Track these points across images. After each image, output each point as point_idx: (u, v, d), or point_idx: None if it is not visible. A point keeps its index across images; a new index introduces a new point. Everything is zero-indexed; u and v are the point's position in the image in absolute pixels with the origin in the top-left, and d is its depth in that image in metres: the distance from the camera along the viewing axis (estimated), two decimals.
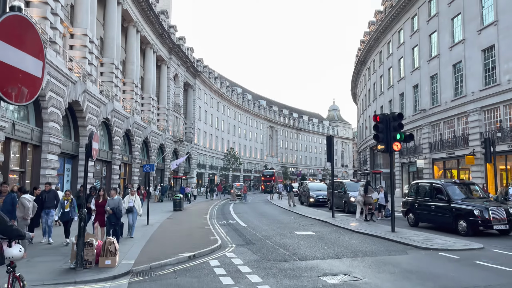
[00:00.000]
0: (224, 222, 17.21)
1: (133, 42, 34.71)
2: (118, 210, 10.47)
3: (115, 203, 10.54)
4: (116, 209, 10.42)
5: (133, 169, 33.81)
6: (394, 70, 39.94)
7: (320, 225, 15.23)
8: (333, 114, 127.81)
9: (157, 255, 9.19)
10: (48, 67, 17.43)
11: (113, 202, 10.56)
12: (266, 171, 67.56)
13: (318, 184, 30.29)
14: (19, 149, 16.57)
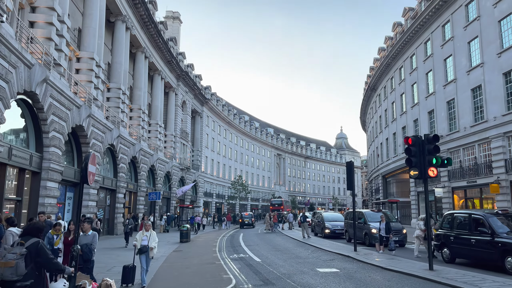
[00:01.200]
0: (236, 256, 15.75)
1: (141, 68, 34.21)
2: (88, 249, 7.96)
3: (88, 240, 8.14)
4: (86, 248, 7.91)
5: (139, 198, 32.50)
6: (407, 96, 38.94)
7: (343, 261, 13.73)
8: (340, 142, 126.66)
9: None
10: (50, 89, 16.55)
11: (86, 239, 8.14)
12: (274, 200, 65.78)
13: (333, 214, 28.72)
14: (16, 175, 15.44)
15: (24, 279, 4.52)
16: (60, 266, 4.89)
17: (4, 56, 12.55)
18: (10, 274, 4.49)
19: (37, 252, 4.72)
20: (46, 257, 4.72)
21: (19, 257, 4.58)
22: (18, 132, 15.88)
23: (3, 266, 4.48)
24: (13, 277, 4.50)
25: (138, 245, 9.68)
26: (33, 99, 15.58)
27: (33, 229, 5.04)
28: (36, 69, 14.82)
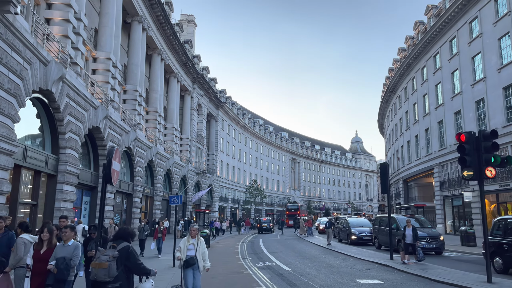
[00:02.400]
0: (262, 265, 14.72)
1: (157, 70, 33.58)
2: (64, 265, 5.89)
3: (67, 253, 6.12)
4: (62, 263, 5.89)
5: (155, 202, 31.76)
6: (430, 96, 37.53)
7: (382, 270, 12.60)
8: (356, 146, 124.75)
9: None
10: (67, 88, 15.83)
11: (64, 251, 6.14)
12: (290, 205, 64.55)
13: (359, 219, 27.47)
14: (31, 178, 14.71)
15: (114, 281, 4.81)
16: (147, 270, 5.21)
17: (19, 51, 11.83)
18: (103, 275, 4.78)
19: (127, 256, 5.00)
20: (134, 262, 5.04)
21: (112, 259, 4.85)
22: (34, 132, 15.17)
23: (97, 267, 4.81)
24: (105, 278, 4.79)
25: (182, 256, 7.33)
26: (49, 98, 14.87)
27: (125, 233, 5.32)
28: (52, 67, 14.10)
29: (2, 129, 11.08)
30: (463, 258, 15.89)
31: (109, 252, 4.95)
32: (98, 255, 4.98)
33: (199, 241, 7.56)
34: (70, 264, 6.07)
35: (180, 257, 7.31)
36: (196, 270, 7.38)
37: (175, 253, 7.65)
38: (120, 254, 4.95)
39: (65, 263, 5.93)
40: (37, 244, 6.35)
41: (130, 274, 5.10)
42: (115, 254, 4.93)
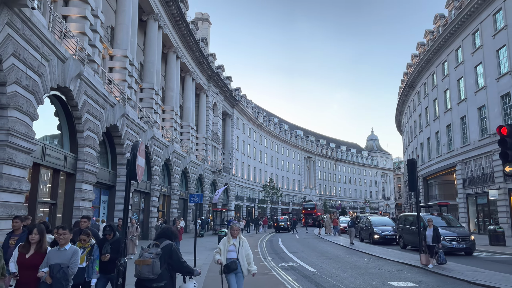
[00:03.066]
0: (285, 265, 14.24)
1: (173, 68, 33.35)
2: (62, 274, 5.05)
3: (64, 259, 5.21)
4: (59, 272, 5.05)
5: (172, 201, 31.55)
6: (451, 92, 36.48)
7: (414, 272, 11.99)
8: (371, 144, 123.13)
9: None
10: (85, 86, 15.60)
11: (61, 257, 5.22)
12: (307, 204, 63.87)
13: (381, 218, 26.73)
14: (50, 177, 14.51)
15: (158, 279, 4.78)
16: (190, 269, 5.18)
17: (36, 47, 11.58)
18: (147, 272, 4.76)
19: (170, 254, 4.98)
20: (177, 260, 5.03)
21: (155, 256, 4.84)
22: (52, 131, 14.98)
23: (141, 264, 4.81)
24: (149, 275, 4.75)
25: (223, 259, 6.31)
26: (67, 95, 14.65)
27: (168, 232, 5.31)
28: (70, 63, 13.87)
29: (21, 127, 10.84)
30: (496, 259, 15.14)
31: (152, 250, 4.96)
32: (142, 253, 5.01)
33: (241, 241, 6.53)
34: (68, 273, 5.14)
35: (221, 260, 6.29)
36: (238, 275, 6.36)
37: (214, 256, 6.46)
38: (163, 251, 4.94)
39: (62, 271, 5.02)
40: (23, 247, 5.27)
41: (173, 273, 5.09)
42: (158, 251, 4.92)
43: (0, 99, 10.31)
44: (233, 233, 6.58)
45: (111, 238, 6.61)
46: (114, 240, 6.59)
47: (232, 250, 6.40)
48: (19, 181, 10.84)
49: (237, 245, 6.42)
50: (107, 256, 6.34)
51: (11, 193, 10.53)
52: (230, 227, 6.73)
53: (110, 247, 6.46)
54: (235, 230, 6.63)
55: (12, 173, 10.57)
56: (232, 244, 6.45)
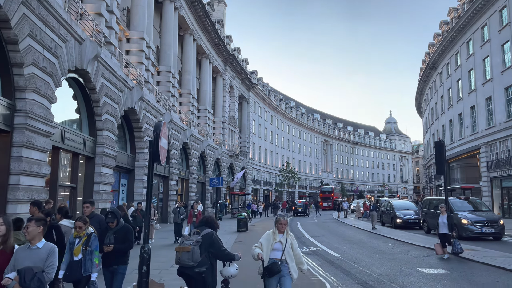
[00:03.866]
0: (307, 250, 13.96)
1: (190, 51, 32.90)
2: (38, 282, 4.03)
3: (38, 260, 4.25)
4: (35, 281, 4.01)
5: (190, 185, 31.53)
6: (476, 71, 35.14)
7: (443, 258, 11.53)
8: (390, 127, 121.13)
9: None
10: (102, 68, 15.36)
11: (33, 257, 4.26)
12: (324, 188, 63.44)
13: (403, 201, 26.17)
14: (69, 161, 14.44)
15: (199, 265, 4.80)
16: (231, 255, 5.18)
17: (53, 27, 11.31)
18: (186, 259, 4.81)
19: (211, 242, 4.98)
20: (218, 248, 5.03)
21: (195, 244, 4.89)
22: (71, 114, 14.83)
23: (181, 250, 4.89)
24: (189, 262, 4.79)
25: (265, 258, 5.09)
26: (84, 78, 14.44)
27: (210, 220, 5.35)
28: (87, 45, 13.59)
29: (39, 110, 10.66)
30: None
31: (192, 238, 5.00)
32: (182, 240, 5.11)
33: (290, 238, 5.32)
34: (44, 280, 4.07)
35: (261, 255, 5.07)
36: (284, 279, 5.13)
37: (253, 250, 5.19)
38: (203, 240, 4.95)
39: (37, 278, 3.92)
40: None
41: (214, 260, 5.07)
42: (198, 239, 4.95)
43: (18, 81, 10.11)
44: (279, 228, 5.28)
45: (114, 226, 5.81)
46: (118, 229, 5.83)
47: (277, 249, 5.16)
48: (39, 165, 10.71)
49: (284, 243, 5.18)
50: (110, 247, 5.60)
51: (31, 177, 10.42)
52: (276, 220, 5.38)
53: (113, 237, 5.72)
54: (283, 224, 5.30)
55: (32, 156, 10.45)
56: (279, 241, 5.19)
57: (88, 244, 5.37)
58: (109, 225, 5.85)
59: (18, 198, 9.85)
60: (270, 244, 5.18)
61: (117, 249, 5.67)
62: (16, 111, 10.10)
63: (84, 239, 5.38)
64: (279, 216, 5.44)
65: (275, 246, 5.17)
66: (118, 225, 5.87)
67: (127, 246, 5.85)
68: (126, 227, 5.94)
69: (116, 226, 5.85)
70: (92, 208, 6.92)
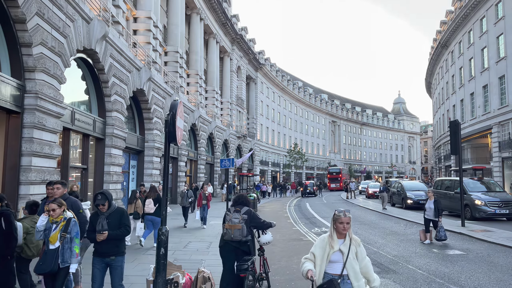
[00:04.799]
0: (318, 230, 13.93)
1: (197, 30, 32.44)
2: None
3: None
4: None
5: (199, 166, 31.57)
6: (490, 50, 34.30)
7: (458, 239, 11.43)
8: (398, 107, 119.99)
9: None
10: (110, 48, 15.14)
11: None
12: (332, 169, 63.24)
13: (414, 182, 25.98)
14: (80, 142, 14.39)
15: (245, 238, 5.69)
16: (269, 224, 6.06)
17: (60, 6, 11.07)
18: (239, 235, 5.61)
19: (252, 217, 5.82)
20: (259, 221, 5.95)
21: (242, 221, 5.67)
22: (80, 96, 14.71)
23: (233, 228, 5.62)
24: (241, 238, 5.60)
25: (318, 275, 3.65)
26: (93, 58, 14.25)
27: (245, 199, 6.08)
28: (95, 24, 13.35)
29: (49, 90, 10.53)
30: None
31: (236, 215, 5.72)
32: (228, 218, 5.76)
33: (354, 244, 3.77)
34: None
35: (312, 273, 3.58)
36: None
37: (302, 265, 3.73)
38: (247, 217, 5.76)
39: None
40: None
41: (252, 230, 5.96)
42: (244, 217, 5.72)
43: (27, 61, 9.96)
44: (340, 229, 3.72)
45: (106, 209, 4.99)
46: (111, 212, 5.01)
47: (336, 261, 3.70)
48: (50, 146, 10.65)
49: (345, 252, 3.68)
50: (104, 234, 4.83)
51: (43, 158, 10.37)
52: (335, 219, 3.76)
53: (106, 222, 4.94)
54: (344, 223, 3.70)
55: (43, 137, 10.37)
56: (338, 250, 3.69)
57: (67, 230, 4.71)
58: (100, 209, 4.98)
59: (31, 179, 9.83)
60: (325, 255, 3.70)
61: (111, 236, 4.88)
62: (26, 92, 9.99)
63: (62, 224, 4.73)
64: (339, 213, 3.76)
65: (332, 257, 3.69)
66: (110, 208, 5.03)
67: (123, 232, 5.00)
68: (121, 210, 5.13)
69: (108, 210, 5.01)
70: (63, 190, 6.09)
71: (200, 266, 7.85)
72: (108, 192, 5.11)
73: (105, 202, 4.96)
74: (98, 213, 5.00)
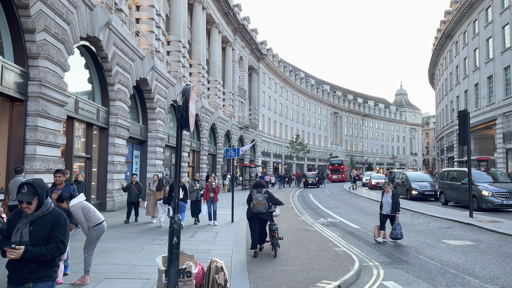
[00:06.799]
0: (324, 221, 13.82)
1: (199, 20, 32.07)
2: None
3: None
4: None
5: (201, 157, 31.44)
6: (495, 40, 33.91)
7: (466, 229, 11.30)
8: (400, 98, 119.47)
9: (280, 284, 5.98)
10: (113, 36, 14.90)
11: None
12: (334, 160, 63.10)
13: (418, 173, 25.81)
14: (84, 131, 14.23)
15: (267, 210, 8.23)
16: (281, 202, 8.61)
17: None
18: (263, 208, 8.12)
19: (270, 195, 8.36)
20: (275, 199, 8.43)
21: (264, 198, 8.17)
22: (83, 86, 14.51)
23: (259, 204, 8.08)
24: (264, 210, 8.13)
25: None
26: (96, 46, 14.03)
27: (261, 182, 8.46)
28: (98, 11, 13.11)
29: (53, 78, 10.34)
30: None
31: (259, 195, 8.21)
32: (254, 197, 8.21)
33: None
34: None
35: None
36: None
37: None
38: (268, 195, 8.31)
39: None
40: None
41: (270, 206, 8.44)
42: (265, 196, 8.26)
43: (30, 48, 9.76)
44: None
45: (31, 211, 3.17)
46: (39, 216, 3.20)
47: None
48: (54, 135, 10.50)
49: None
50: (17, 251, 2.97)
51: (47, 147, 10.23)
52: None
53: (29, 230, 3.15)
54: None
55: (47, 126, 10.22)
56: None
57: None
58: (23, 208, 3.22)
59: (35, 168, 9.69)
60: None
61: (29, 255, 3.04)
62: (29, 79, 9.80)
63: None
64: None
65: None
66: (40, 208, 3.22)
67: (51, 251, 3.12)
68: (56, 215, 3.25)
69: (37, 211, 3.22)
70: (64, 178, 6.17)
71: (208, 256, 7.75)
72: (40, 183, 3.26)
73: (32, 199, 3.18)
74: (20, 213, 3.25)
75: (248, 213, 8.36)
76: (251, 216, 8.22)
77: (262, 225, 8.33)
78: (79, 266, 6.37)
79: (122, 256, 7.74)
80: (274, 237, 8.08)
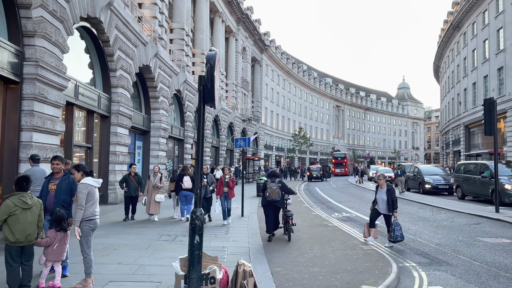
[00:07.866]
0: (339, 215, 13.03)
1: (202, 8, 31.08)
2: None
3: None
4: None
5: (205, 149, 30.61)
6: (506, 31, 32.93)
7: (497, 226, 10.52)
8: (402, 92, 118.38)
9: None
10: (115, 19, 14.01)
11: None
12: (337, 153, 62.32)
13: (430, 167, 25.00)
14: (84, 119, 13.38)
15: (281, 198, 8.85)
16: (293, 191, 9.38)
17: None
18: (277, 196, 8.70)
19: (284, 184, 8.92)
20: (287, 188, 9.02)
21: (278, 187, 8.75)
22: (83, 69, 13.63)
23: (273, 192, 8.67)
24: (278, 199, 8.70)
25: None
26: (97, 28, 13.14)
27: (276, 173, 9.16)
28: None
29: (50, 59, 9.48)
30: None
31: (274, 184, 8.73)
32: (269, 186, 8.72)
33: None
34: None
35: None
36: None
37: None
38: (281, 185, 8.81)
39: None
40: None
41: (283, 195, 8.95)
42: (278, 185, 8.75)
43: (26, 25, 8.88)
44: None
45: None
46: None
47: None
48: (52, 121, 9.66)
49: None
50: None
51: (45, 134, 9.39)
52: None
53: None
54: None
55: (45, 111, 9.37)
56: None
57: None
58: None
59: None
60: None
61: None
62: (25, 59, 8.94)
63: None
64: None
65: None
66: None
67: None
68: None
69: None
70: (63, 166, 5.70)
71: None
72: None
73: None
74: None
75: (262, 201, 8.92)
76: (265, 204, 8.76)
77: (276, 212, 8.86)
78: (80, 266, 5.57)
79: (127, 254, 6.95)
80: (289, 223, 8.71)
